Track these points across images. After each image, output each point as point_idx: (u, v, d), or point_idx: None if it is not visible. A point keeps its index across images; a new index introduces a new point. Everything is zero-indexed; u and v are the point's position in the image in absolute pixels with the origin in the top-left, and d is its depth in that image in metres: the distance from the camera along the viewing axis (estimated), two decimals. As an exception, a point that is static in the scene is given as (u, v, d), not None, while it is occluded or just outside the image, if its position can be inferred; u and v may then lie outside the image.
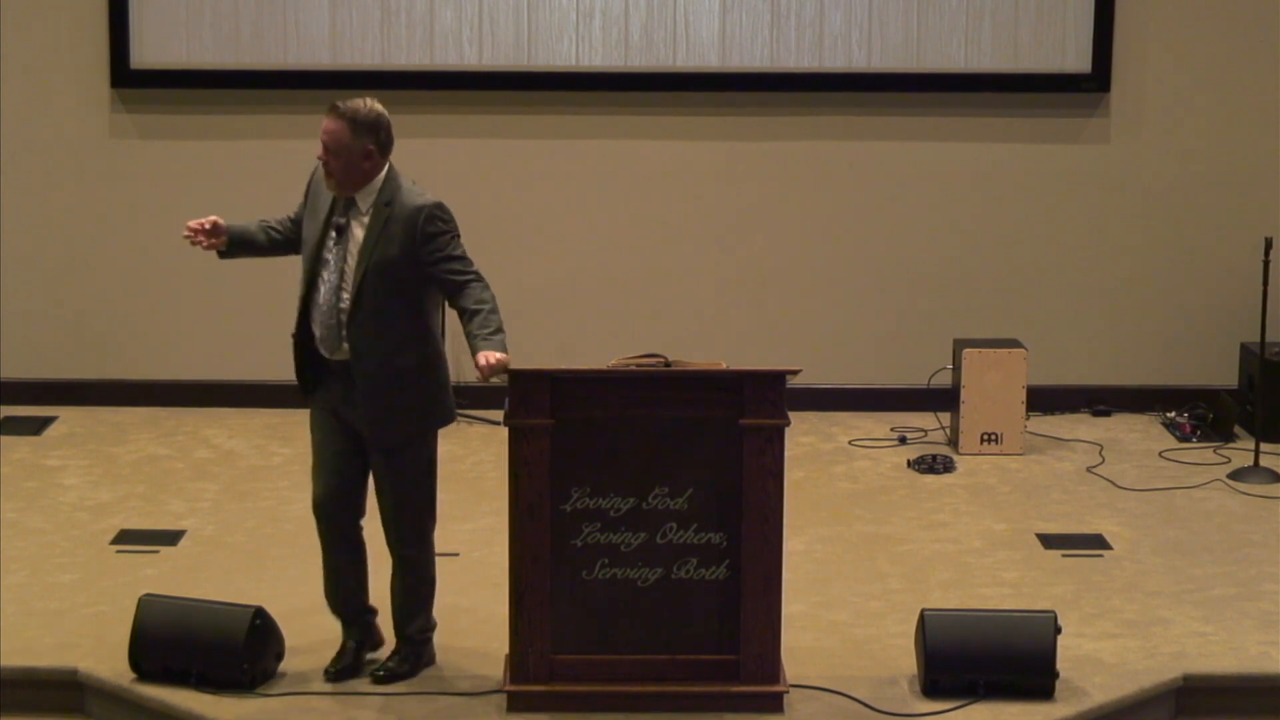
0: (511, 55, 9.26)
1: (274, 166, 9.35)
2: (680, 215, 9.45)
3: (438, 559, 7.34)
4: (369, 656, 6.30)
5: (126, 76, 9.26)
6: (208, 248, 6.27)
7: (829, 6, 9.24)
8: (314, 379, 6.20)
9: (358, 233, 6.09)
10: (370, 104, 6.10)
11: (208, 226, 6.22)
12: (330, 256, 6.10)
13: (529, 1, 9.23)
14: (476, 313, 5.98)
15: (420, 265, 6.03)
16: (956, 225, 9.46)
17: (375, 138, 6.07)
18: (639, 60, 9.27)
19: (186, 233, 6.20)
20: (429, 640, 6.31)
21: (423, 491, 6.19)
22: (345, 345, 6.07)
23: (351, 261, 6.07)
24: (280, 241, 6.37)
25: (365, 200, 6.09)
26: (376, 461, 6.15)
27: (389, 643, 6.32)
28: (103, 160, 9.36)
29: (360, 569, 6.28)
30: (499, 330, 5.96)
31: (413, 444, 6.15)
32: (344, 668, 6.19)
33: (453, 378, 9.44)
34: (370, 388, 6.07)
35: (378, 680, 6.17)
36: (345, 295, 6.07)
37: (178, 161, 9.37)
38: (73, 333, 9.48)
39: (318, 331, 6.13)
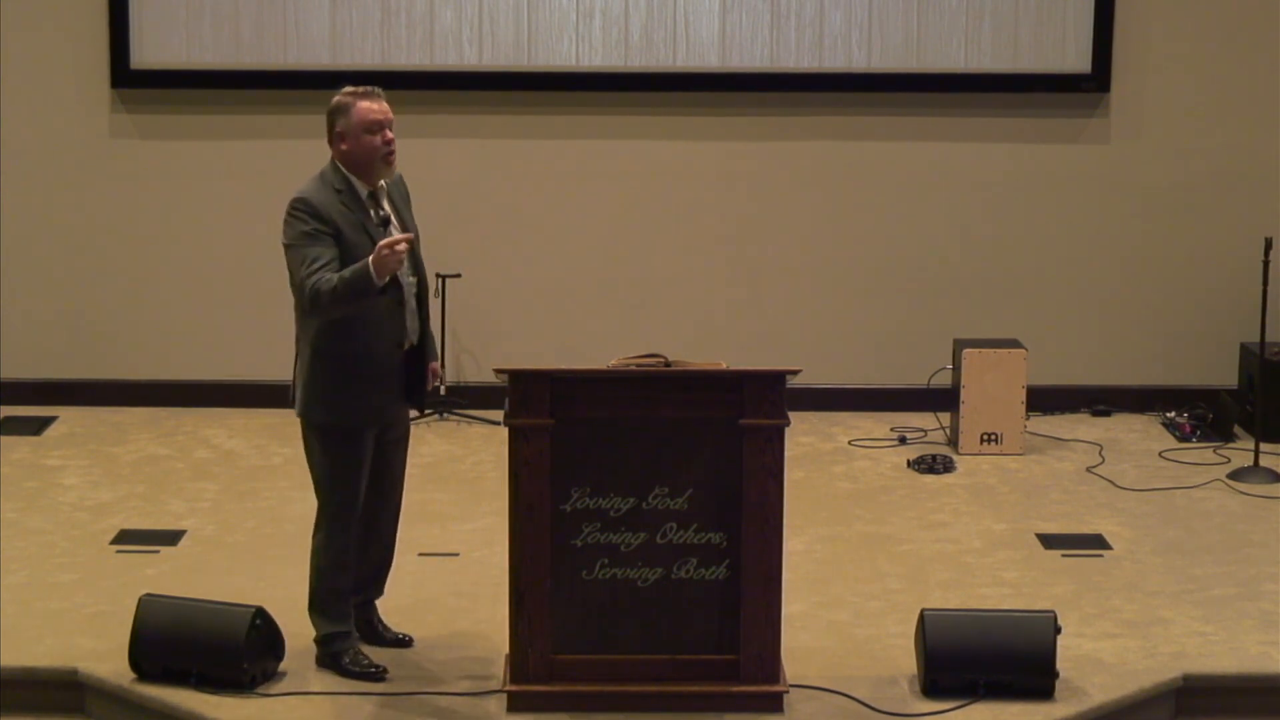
0: (511, 55, 9.26)
1: (274, 166, 9.35)
2: (680, 215, 9.45)
3: (438, 559, 7.37)
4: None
5: (126, 76, 9.26)
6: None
7: (829, 6, 9.24)
8: (384, 391, 6.16)
9: (393, 216, 6.18)
10: None
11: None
12: None
13: (529, 1, 9.23)
14: None
15: None
16: (956, 225, 9.46)
17: None
18: (639, 60, 9.27)
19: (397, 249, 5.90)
20: None
21: None
22: (419, 327, 6.22)
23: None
24: None
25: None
26: (398, 448, 6.32)
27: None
28: (103, 160, 9.37)
29: None
30: None
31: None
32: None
33: (453, 377, 9.54)
34: (429, 363, 6.28)
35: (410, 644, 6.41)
36: (412, 279, 6.17)
37: (178, 161, 9.37)
38: (73, 333, 9.48)
39: (408, 323, 6.16)
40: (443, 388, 9.30)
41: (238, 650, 6.02)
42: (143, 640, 6.11)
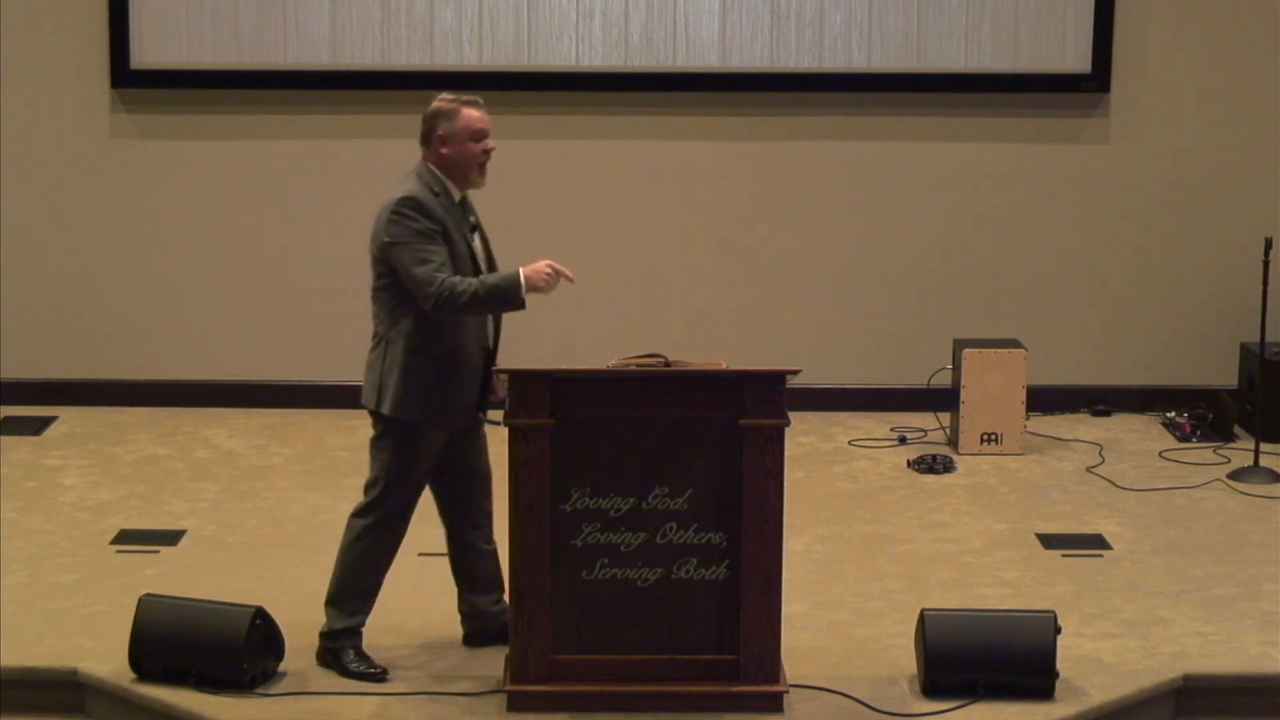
0: (511, 55, 9.26)
1: (274, 166, 9.36)
2: (680, 215, 9.45)
3: (437, 559, 7.37)
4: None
5: (126, 76, 9.26)
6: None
7: (829, 6, 9.24)
8: (473, 391, 6.21)
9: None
10: None
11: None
12: (480, 256, 6.21)
13: (529, 1, 9.23)
14: None
15: None
16: (956, 225, 9.46)
17: None
18: (639, 60, 9.27)
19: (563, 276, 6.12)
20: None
21: None
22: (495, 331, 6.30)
23: (483, 252, 6.27)
24: None
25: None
26: (476, 435, 6.31)
27: None
28: (103, 160, 9.36)
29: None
30: None
31: None
32: None
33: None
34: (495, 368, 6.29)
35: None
36: None
37: (178, 161, 9.37)
38: (73, 333, 9.48)
39: (490, 329, 6.25)
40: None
41: (238, 650, 6.02)
42: (143, 640, 6.11)
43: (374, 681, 6.13)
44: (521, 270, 6.04)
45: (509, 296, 6.02)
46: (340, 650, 6.21)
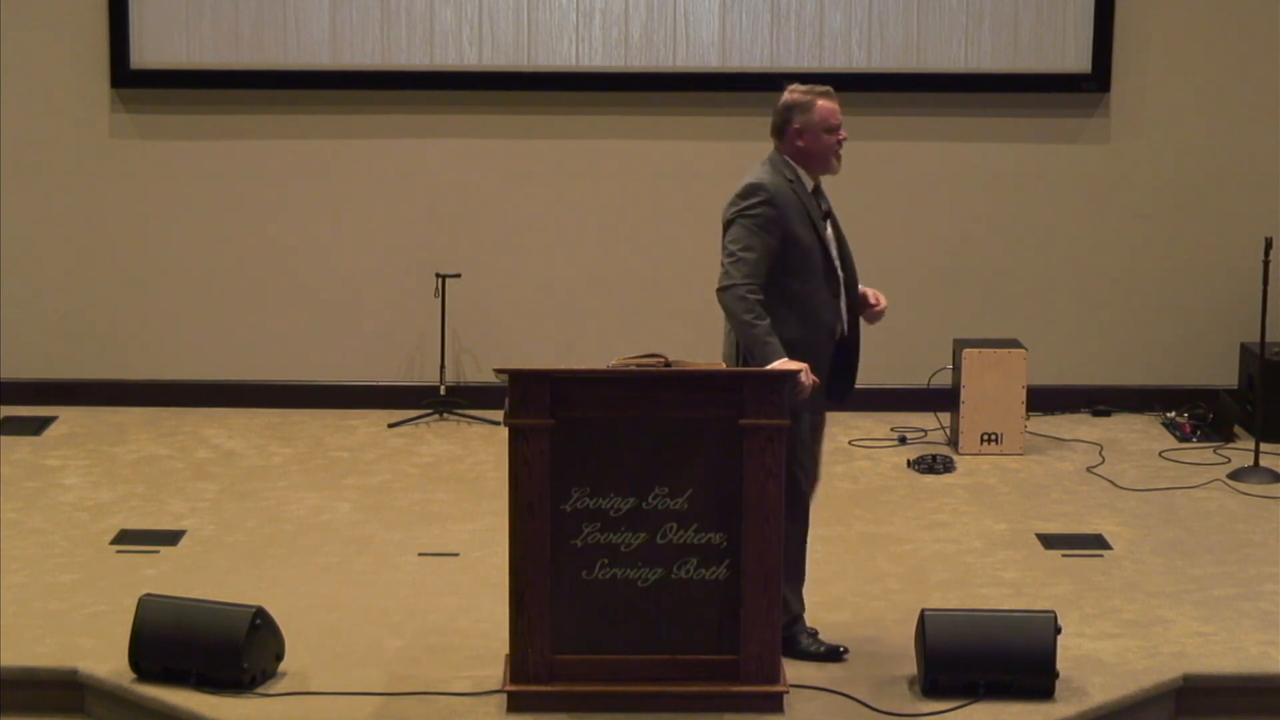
0: (511, 55, 9.26)
1: (274, 166, 9.36)
2: (680, 215, 9.45)
3: (437, 558, 7.36)
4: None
5: (126, 76, 9.27)
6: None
7: (829, 6, 9.24)
8: (820, 378, 6.23)
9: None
10: None
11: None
12: (832, 243, 6.28)
13: (529, 1, 9.23)
14: None
15: None
16: (956, 225, 9.46)
17: None
18: (639, 60, 9.27)
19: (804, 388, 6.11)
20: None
21: None
22: (850, 318, 6.36)
23: (835, 239, 6.32)
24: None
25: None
26: (815, 435, 6.41)
27: None
28: (103, 160, 9.37)
29: None
30: None
31: None
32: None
33: (453, 377, 9.53)
34: (857, 357, 6.45)
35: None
36: (846, 272, 6.34)
37: (178, 161, 9.37)
38: (73, 333, 9.48)
39: (845, 317, 6.32)
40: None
41: (238, 650, 6.02)
42: (143, 640, 6.11)
43: (835, 659, 6.28)
44: (780, 360, 6.02)
45: (754, 356, 6.06)
46: (793, 637, 6.29)
